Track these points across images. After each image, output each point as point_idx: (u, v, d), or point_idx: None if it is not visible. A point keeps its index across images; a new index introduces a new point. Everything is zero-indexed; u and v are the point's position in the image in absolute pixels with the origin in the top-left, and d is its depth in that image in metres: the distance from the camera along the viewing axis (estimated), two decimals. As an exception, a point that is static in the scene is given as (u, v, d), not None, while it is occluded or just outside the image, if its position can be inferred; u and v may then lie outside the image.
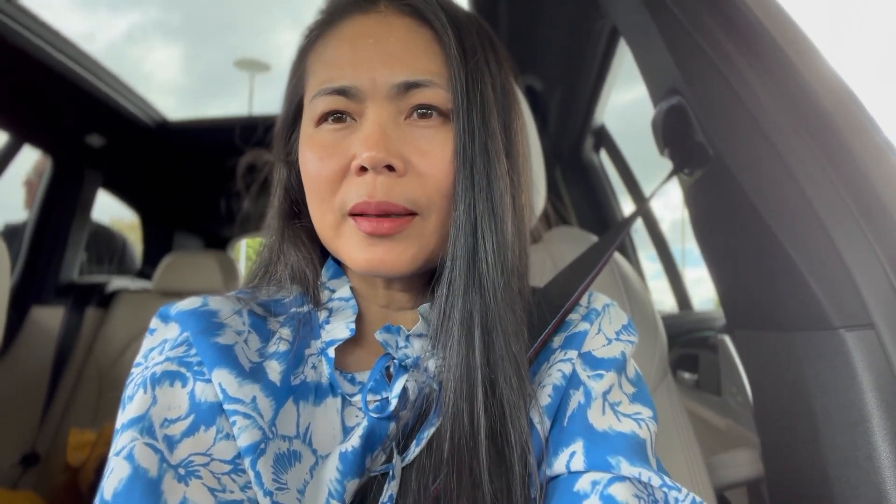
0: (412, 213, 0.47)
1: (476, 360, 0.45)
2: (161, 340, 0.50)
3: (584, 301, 0.57)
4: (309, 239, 0.56)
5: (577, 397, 0.49)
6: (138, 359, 0.50)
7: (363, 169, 0.46)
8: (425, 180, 0.47)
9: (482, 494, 0.43)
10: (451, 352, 0.46)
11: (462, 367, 0.45)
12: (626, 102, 2.20)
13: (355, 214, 0.47)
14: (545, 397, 0.49)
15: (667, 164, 0.85)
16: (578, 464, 0.45)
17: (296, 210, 0.57)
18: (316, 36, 0.53)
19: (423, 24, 0.50)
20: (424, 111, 0.48)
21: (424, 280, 0.53)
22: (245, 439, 0.44)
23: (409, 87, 0.47)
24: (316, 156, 0.49)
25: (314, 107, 0.49)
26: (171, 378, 0.46)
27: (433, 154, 0.47)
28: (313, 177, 0.49)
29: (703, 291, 2.17)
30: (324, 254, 0.57)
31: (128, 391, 0.47)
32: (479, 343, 0.46)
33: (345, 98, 0.48)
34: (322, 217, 0.50)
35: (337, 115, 0.49)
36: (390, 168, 0.46)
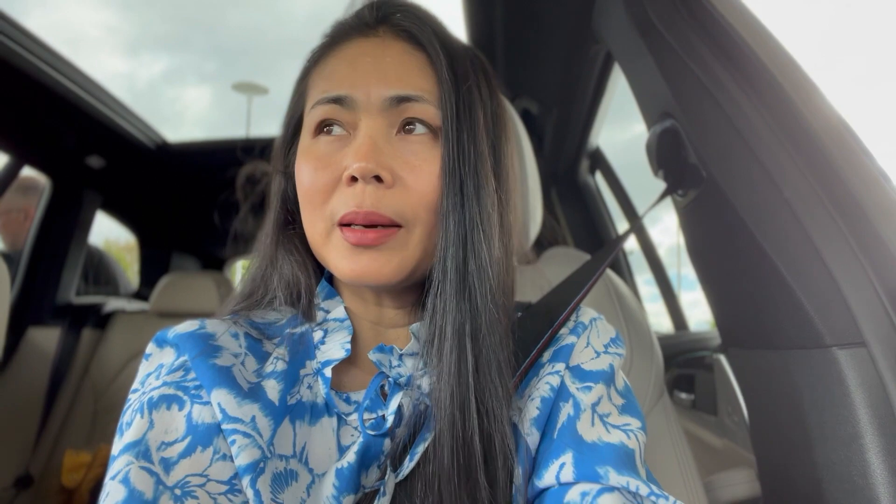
0: (397, 226, 0.48)
1: (468, 370, 0.46)
2: (157, 365, 0.50)
3: (572, 315, 0.58)
4: (303, 247, 0.57)
5: (566, 409, 0.49)
6: (135, 385, 0.50)
7: (353, 179, 0.48)
8: (412, 193, 0.49)
9: None
10: (444, 364, 0.47)
11: (454, 379, 0.46)
12: (634, 137, 2.23)
13: (343, 225, 0.48)
14: (534, 409, 0.50)
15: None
16: (568, 475, 0.45)
17: (290, 219, 0.58)
18: (318, 57, 0.56)
19: (418, 48, 0.53)
20: (413, 125, 0.50)
21: (414, 297, 0.55)
22: (244, 458, 0.45)
23: (401, 100, 0.50)
24: (311, 167, 0.50)
25: (312, 116, 0.51)
26: (168, 402, 0.47)
27: (421, 168, 0.49)
28: (307, 187, 0.51)
29: (699, 314, 2.19)
30: (318, 268, 0.58)
31: (125, 417, 0.47)
32: (471, 355, 0.47)
33: (340, 107, 0.50)
34: (313, 225, 0.51)
35: (332, 126, 0.51)
36: (378, 179, 0.48)
